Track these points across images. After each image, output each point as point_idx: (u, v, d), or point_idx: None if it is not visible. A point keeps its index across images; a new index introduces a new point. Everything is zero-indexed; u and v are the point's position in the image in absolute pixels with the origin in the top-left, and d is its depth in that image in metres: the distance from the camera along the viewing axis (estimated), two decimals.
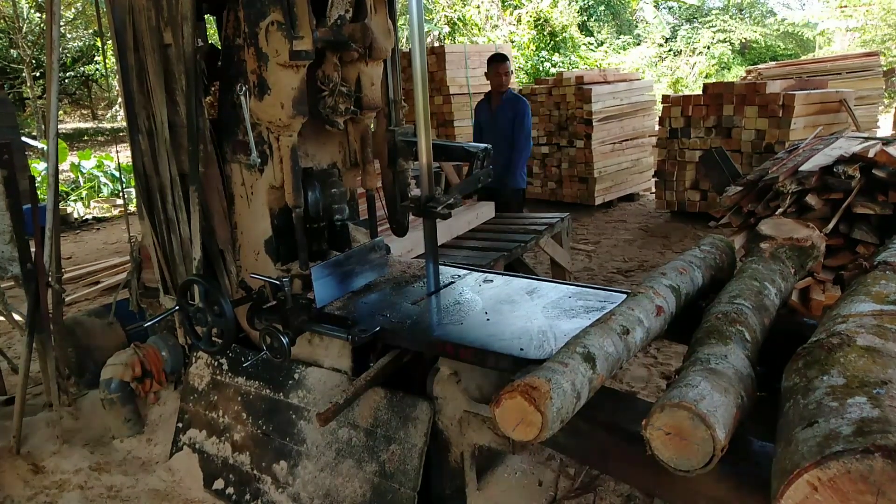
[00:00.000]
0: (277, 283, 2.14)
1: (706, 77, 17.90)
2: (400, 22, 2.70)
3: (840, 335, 1.28)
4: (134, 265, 3.07)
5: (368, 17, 2.30)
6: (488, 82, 5.25)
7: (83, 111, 21.57)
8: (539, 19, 17.24)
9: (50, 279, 3.04)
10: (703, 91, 6.96)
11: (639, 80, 8.79)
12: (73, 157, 10.69)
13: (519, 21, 17.28)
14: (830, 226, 3.31)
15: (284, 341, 2.06)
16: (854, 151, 3.57)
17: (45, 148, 4.75)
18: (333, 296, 2.35)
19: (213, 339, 2.30)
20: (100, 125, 19.71)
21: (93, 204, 9.31)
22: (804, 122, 6.22)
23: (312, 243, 2.47)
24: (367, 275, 2.50)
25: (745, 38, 19.84)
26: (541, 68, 16.39)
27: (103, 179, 9.79)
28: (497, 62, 5.07)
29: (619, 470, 1.69)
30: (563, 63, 16.93)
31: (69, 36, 16.83)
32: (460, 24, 16.39)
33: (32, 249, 3.02)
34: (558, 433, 1.39)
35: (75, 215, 8.70)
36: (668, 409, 1.20)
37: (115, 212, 9.14)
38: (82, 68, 18.37)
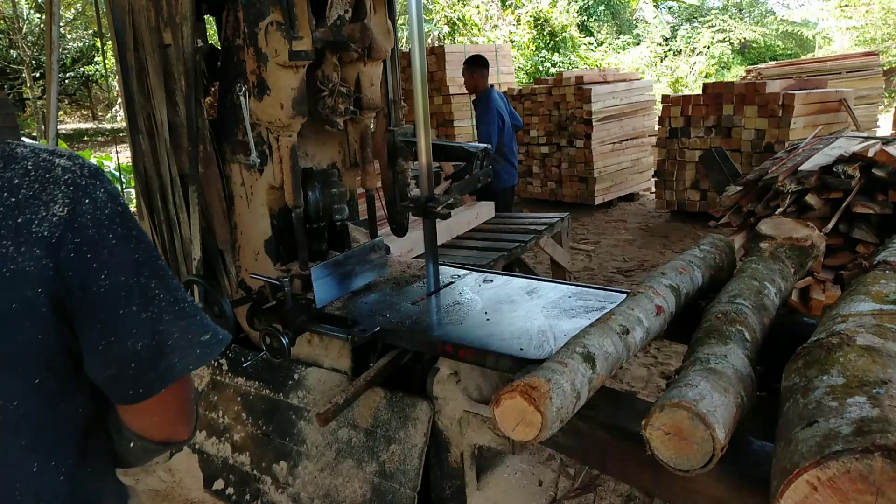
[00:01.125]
0: (277, 283, 2.14)
1: (706, 77, 17.91)
2: (399, 22, 2.70)
3: (840, 335, 1.28)
4: None
5: (368, 17, 2.30)
6: (487, 83, 5.26)
7: (83, 111, 21.57)
8: (539, 19, 17.24)
9: None
10: (703, 91, 6.97)
11: (638, 79, 8.80)
12: None
13: (518, 21, 17.28)
14: (830, 225, 3.31)
15: (284, 341, 2.06)
16: (854, 151, 3.57)
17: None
18: (333, 296, 2.35)
19: None
20: (100, 125, 19.71)
21: None
22: (804, 121, 6.22)
23: (312, 243, 2.47)
24: (367, 275, 2.50)
25: (745, 38, 19.84)
26: (540, 68, 16.39)
27: None
28: (465, 66, 5.16)
29: (618, 470, 1.69)
30: (562, 63, 16.94)
31: (69, 36, 16.83)
32: (459, 25, 16.40)
33: None
34: (558, 433, 1.39)
35: None
36: (668, 408, 1.20)
37: None
38: (82, 69, 18.36)
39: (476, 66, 5.09)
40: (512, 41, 16.28)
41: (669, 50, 19.82)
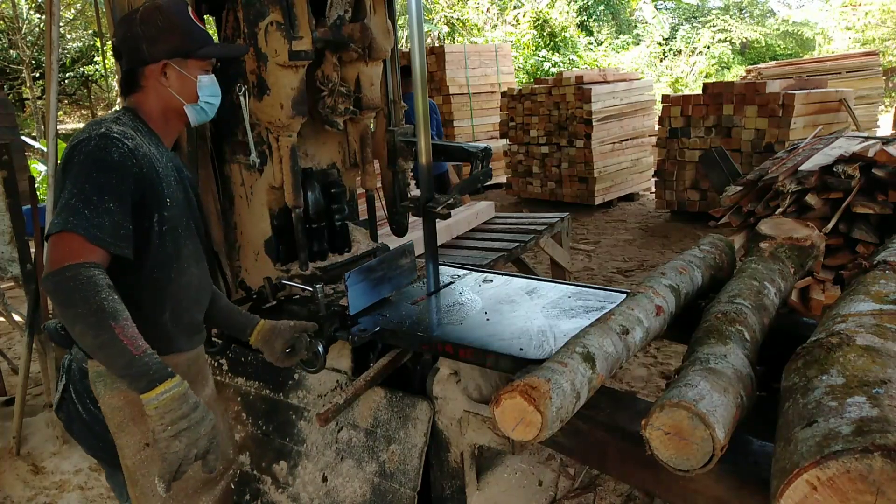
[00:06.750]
0: (311, 289, 2.04)
1: (706, 77, 17.91)
2: (399, 22, 2.70)
3: (839, 335, 1.28)
4: None
5: (368, 17, 2.30)
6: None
7: (83, 112, 21.55)
8: (538, 19, 17.24)
9: None
10: (703, 91, 6.97)
11: (638, 79, 8.80)
12: None
13: (518, 21, 17.28)
14: (830, 225, 3.32)
15: (319, 349, 1.97)
16: (854, 151, 3.58)
17: (45, 149, 4.75)
18: (366, 302, 2.23)
19: (213, 339, 2.30)
20: None
21: None
22: (804, 121, 6.22)
23: (312, 243, 2.47)
24: (397, 280, 2.39)
25: (745, 38, 19.84)
26: (540, 68, 16.39)
27: None
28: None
29: (618, 470, 1.69)
30: (562, 63, 16.93)
31: (69, 37, 16.83)
32: (459, 25, 16.40)
33: (32, 250, 3.02)
34: (558, 433, 1.39)
35: None
36: (668, 408, 1.20)
37: None
38: (82, 69, 18.36)
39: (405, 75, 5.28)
40: (511, 41, 16.28)
41: (669, 50, 19.82)
